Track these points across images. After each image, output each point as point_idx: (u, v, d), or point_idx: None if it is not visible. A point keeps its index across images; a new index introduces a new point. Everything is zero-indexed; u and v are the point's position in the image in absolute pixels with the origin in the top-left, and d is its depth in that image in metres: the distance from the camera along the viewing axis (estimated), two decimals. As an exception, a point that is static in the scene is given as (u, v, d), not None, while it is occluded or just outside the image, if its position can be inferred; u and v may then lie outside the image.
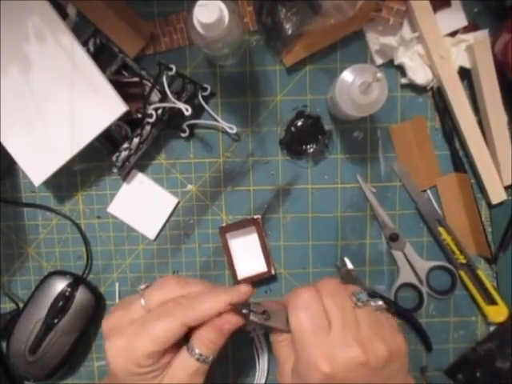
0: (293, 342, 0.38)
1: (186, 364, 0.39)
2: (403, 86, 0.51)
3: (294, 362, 0.38)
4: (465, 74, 0.50)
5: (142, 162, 0.52)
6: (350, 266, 0.52)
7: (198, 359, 0.38)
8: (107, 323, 0.40)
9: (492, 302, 0.51)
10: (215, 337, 0.39)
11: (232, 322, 0.39)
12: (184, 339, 0.40)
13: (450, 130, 0.51)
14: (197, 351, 0.38)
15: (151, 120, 0.48)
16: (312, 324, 0.37)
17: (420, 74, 0.49)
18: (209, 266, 0.53)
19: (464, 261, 0.51)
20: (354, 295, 0.38)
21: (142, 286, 0.41)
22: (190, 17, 0.38)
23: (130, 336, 0.38)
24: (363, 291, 0.39)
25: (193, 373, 0.39)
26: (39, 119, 0.47)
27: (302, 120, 0.51)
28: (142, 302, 0.39)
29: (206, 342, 0.38)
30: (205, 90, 0.50)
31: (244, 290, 0.40)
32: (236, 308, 0.39)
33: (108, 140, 0.50)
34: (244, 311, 0.38)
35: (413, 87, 0.51)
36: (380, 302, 0.39)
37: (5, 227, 0.54)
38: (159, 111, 0.49)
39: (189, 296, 0.39)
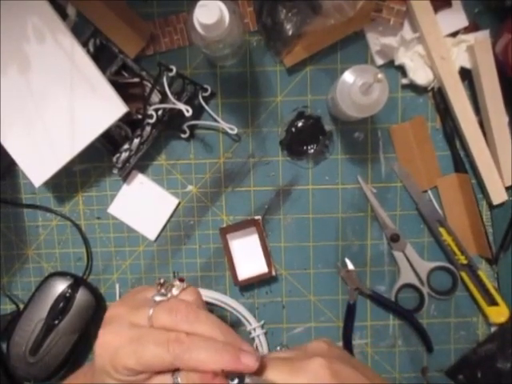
0: None
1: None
2: (404, 87, 0.51)
3: None
4: (465, 75, 0.49)
5: (142, 163, 0.52)
6: (350, 266, 0.52)
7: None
8: (112, 311, 0.39)
9: (493, 302, 0.51)
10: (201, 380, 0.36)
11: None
12: None
13: (451, 131, 0.51)
14: (179, 380, 0.36)
15: (151, 121, 0.48)
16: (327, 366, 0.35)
17: (421, 75, 0.49)
18: (209, 267, 0.53)
19: (465, 261, 0.51)
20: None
21: (161, 281, 0.40)
22: (190, 17, 0.38)
23: (121, 341, 0.36)
24: None
25: None
26: (39, 120, 0.47)
27: (303, 121, 0.51)
28: (150, 312, 0.37)
29: (194, 380, 0.36)
30: (205, 90, 0.50)
31: (251, 361, 0.36)
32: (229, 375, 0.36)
33: (108, 141, 0.50)
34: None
35: (413, 88, 0.50)
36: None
37: (5, 228, 0.54)
38: (159, 112, 0.49)
39: (193, 339, 0.36)
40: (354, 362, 0.37)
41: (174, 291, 0.39)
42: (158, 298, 0.39)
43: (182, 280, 0.39)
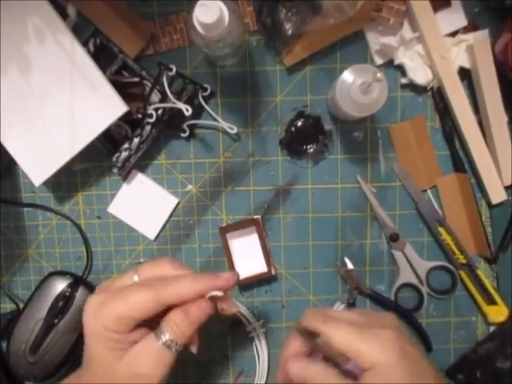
0: (347, 351, 0.35)
1: (149, 346, 0.37)
2: (403, 86, 0.51)
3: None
4: (465, 74, 0.50)
5: (142, 162, 0.52)
6: (350, 266, 0.52)
7: (163, 343, 0.37)
8: (101, 285, 0.41)
9: (492, 302, 0.51)
10: (181, 321, 0.37)
11: (203, 308, 0.38)
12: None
13: (450, 130, 0.51)
14: (164, 336, 0.37)
15: (151, 120, 0.48)
16: (345, 324, 0.36)
17: (420, 74, 0.49)
18: (209, 267, 0.53)
19: (464, 261, 0.51)
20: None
21: (142, 260, 0.42)
22: (190, 17, 0.38)
23: (107, 296, 0.37)
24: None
25: (155, 359, 0.37)
26: (39, 119, 0.47)
27: (302, 120, 0.51)
28: (136, 277, 0.39)
29: (172, 327, 0.37)
30: (205, 90, 0.50)
31: (227, 276, 0.39)
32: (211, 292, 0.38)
33: (108, 140, 0.50)
34: (217, 293, 0.38)
35: (413, 87, 0.51)
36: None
37: (5, 227, 0.54)
38: (159, 111, 0.49)
39: (173, 276, 0.38)
40: (419, 350, 0.37)
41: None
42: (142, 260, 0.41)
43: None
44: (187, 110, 0.47)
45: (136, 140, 0.50)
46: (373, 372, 0.34)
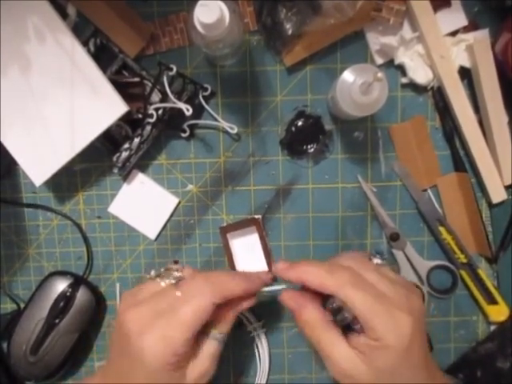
0: (360, 317, 0.37)
1: (208, 348, 0.40)
2: (403, 86, 0.51)
3: (361, 339, 0.37)
4: (465, 74, 0.50)
5: (142, 162, 0.52)
6: (350, 265, 0.52)
7: (219, 341, 0.41)
8: (137, 319, 0.38)
9: (493, 301, 0.51)
10: (230, 315, 0.41)
11: (250, 304, 0.42)
12: None
13: (451, 130, 0.51)
14: (217, 334, 0.40)
15: (152, 120, 0.48)
16: (368, 294, 0.37)
17: (420, 74, 0.49)
18: (209, 266, 0.53)
19: (464, 260, 0.51)
20: (373, 257, 0.42)
21: (152, 274, 0.42)
22: (190, 17, 0.38)
23: (163, 326, 0.37)
24: (374, 254, 0.43)
25: (213, 355, 0.40)
26: (39, 119, 0.47)
27: (303, 120, 0.51)
28: (179, 294, 0.39)
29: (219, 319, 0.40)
30: (205, 89, 0.50)
31: (265, 277, 0.44)
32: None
33: (108, 140, 0.50)
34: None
35: (413, 87, 0.51)
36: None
37: (5, 228, 0.54)
38: (160, 111, 0.49)
39: (216, 273, 0.41)
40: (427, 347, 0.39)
41: (176, 273, 0.41)
42: (174, 281, 0.41)
43: (176, 262, 0.45)
44: (187, 110, 0.47)
45: (136, 140, 0.50)
46: (379, 351, 0.36)
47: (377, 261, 0.42)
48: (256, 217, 0.51)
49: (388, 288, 0.38)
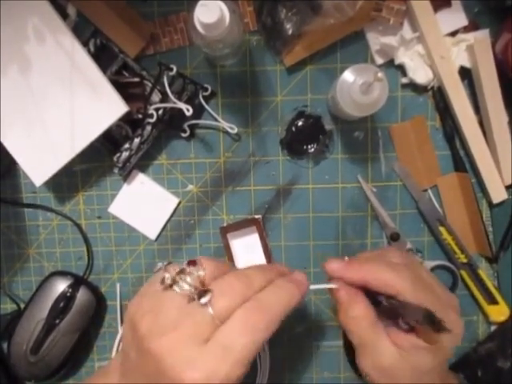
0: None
1: None
2: (404, 86, 0.51)
3: (411, 339, 0.37)
4: (465, 74, 0.50)
5: (142, 163, 0.52)
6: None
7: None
8: (165, 348, 0.31)
9: (493, 301, 0.51)
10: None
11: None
12: None
13: (451, 130, 0.51)
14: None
15: (152, 120, 0.48)
16: (433, 295, 0.37)
17: (420, 74, 0.49)
18: (210, 266, 0.53)
19: (465, 260, 0.51)
20: (411, 252, 0.42)
21: (160, 265, 0.35)
22: (190, 17, 0.38)
23: (211, 364, 0.30)
24: (412, 248, 0.43)
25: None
26: (40, 119, 0.47)
27: (303, 120, 0.51)
28: (211, 310, 0.31)
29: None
30: (205, 90, 0.50)
31: (302, 278, 0.36)
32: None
33: (109, 140, 0.50)
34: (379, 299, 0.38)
35: (413, 87, 0.51)
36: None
37: (5, 228, 0.54)
38: (160, 111, 0.49)
39: (259, 299, 0.33)
40: None
41: (189, 278, 0.33)
42: (160, 266, 0.34)
43: (194, 263, 0.34)
44: (188, 110, 0.47)
45: (136, 140, 0.50)
46: (427, 352, 0.36)
47: (418, 259, 0.42)
48: (256, 217, 0.51)
49: (439, 288, 0.38)
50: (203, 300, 0.32)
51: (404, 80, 0.50)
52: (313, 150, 0.51)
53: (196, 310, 0.32)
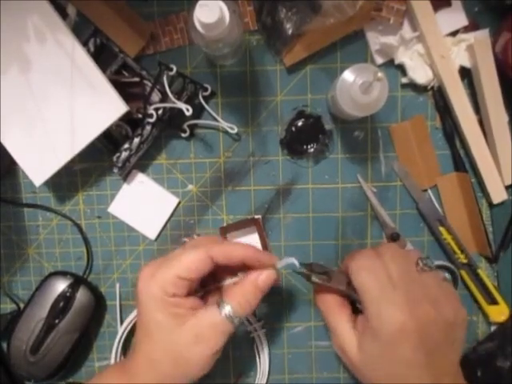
0: (361, 301, 0.38)
1: (212, 317, 0.38)
2: (403, 86, 0.51)
3: (361, 320, 0.39)
4: (465, 74, 0.50)
5: (142, 162, 0.52)
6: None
7: (226, 316, 0.38)
8: (145, 267, 0.41)
9: (493, 301, 0.51)
10: (249, 292, 0.39)
11: (267, 274, 0.39)
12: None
13: (451, 130, 0.51)
14: (227, 308, 0.38)
15: (152, 120, 0.48)
16: (378, 282, 0.38)
17: (420, 74, 0.49)
18: (209, 266, 0.53)
19: (465, 260, 0.51)
20: (421, 260, 0.40)
21: (185, 240, 0.44)
22: (190, 17, 0.38)
23: (161, 262, 0.39)
24: (430, 257, 0.40)
25: (216, 328, 0.38)
26: (39, 119, 0.47)
27: (303, 120, 0.51)
28: (184, 239, 0.44)
29: (239, 298, 0.38)
30: (205, 89, 0.50)
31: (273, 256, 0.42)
32: (281, 261, 0.39)
33: (108, 140, 0.50)
34: (305, 271, 0.39)
35: (413, 87, 0.51)
36: (446, 274, 0.41)
37: (5, 227, 0.54)
38: (160, 111, 0.49)
39: (222, 239, 0.42)
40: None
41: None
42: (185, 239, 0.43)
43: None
44: (187, 110, 0.47)
45: (136, 140, 0.50)
46: (368, 335, 0.37)
47: (421, 264, 0.40)
48: (256, 217, 0.51)
49: (405, 284, 0.38)
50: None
51: (404, 80, 0.50)
52: (313, 149, 0.51)
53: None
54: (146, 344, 0.39)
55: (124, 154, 0.50)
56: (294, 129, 0.51)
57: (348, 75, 0.43)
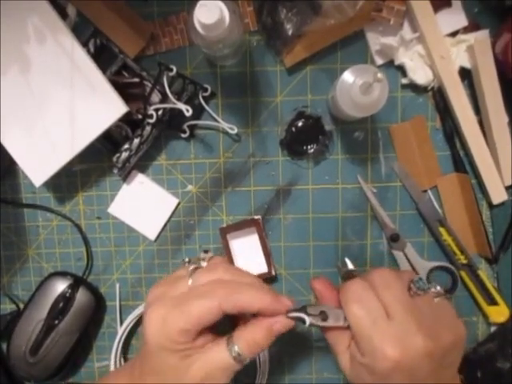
0: (353, 336, 0.37)
1: (220, 358, 0.37)
2: (404, 86, 0.51)
3: (354, 354, 0.37)
4: (465, 74, 0.50)
5: (142, 163, 0.52)
6: (350, 266, 0.52)
7: (234, 357, 0.36)
8: (153, 292, 0.39)
9: (493, 302, 0.51)
10: (261, 337, 0.37)
11: (283, 323, 0.37)
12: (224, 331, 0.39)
13: (451, 130, 0.51)
14: (236, 348, 0.37)
15: (151, 121, 0.48)
16: (369, 315, 0.36)
17: (420, 74, 0.49)
18: (209, 267, 0.53)
19: (465, 261, 0.51)
20: (414, 283, 0.38)
21: (186, 260, 0.41)
22: (190, 17, 0.38)
23: (168, 309, 0.37)
24: (422, 278, 0.39)
25: (224, 369, 0.37)
26: (39, 120, 0.47)
27: (303, 120, 0.51)
28: (190, 281, 0.38)
29: (249, 341, 0.37)
30: (205, 90, 0.50)
31: (288, 303, 0.38)
32: (292, 312, 0.37)
33: (108, 141, 0.50)
34: (301, 315, 0.37)
35: (413, 87, 0.50)
36: (439, 288, 0.38)
37: (5, 228, 0.54)
38: (159, 112, 0.49)
39: (234, 282, 0.38)
40: None
41: (203, 263, 0.40)
42: (192, 267, 0.40)
43: (206, 251, 0.42)
44: (187, 111, 0.47)
45: (136, 140, 0.50)
46: (361, 365, 0.37)
47: (414, 289, 0.38)
48: (256, 217, 0.51)
49: (399, 314, 0.36)
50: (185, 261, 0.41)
51: (404, 80, 0.50)
52: (313, 150, 0.51)
53: (184, 277, 0.39)
54: (154, 381, 0.38)
55: (124, 155, 0.50)
56: (294, 129, 0.51)
57: (348, 76, 0.43)
